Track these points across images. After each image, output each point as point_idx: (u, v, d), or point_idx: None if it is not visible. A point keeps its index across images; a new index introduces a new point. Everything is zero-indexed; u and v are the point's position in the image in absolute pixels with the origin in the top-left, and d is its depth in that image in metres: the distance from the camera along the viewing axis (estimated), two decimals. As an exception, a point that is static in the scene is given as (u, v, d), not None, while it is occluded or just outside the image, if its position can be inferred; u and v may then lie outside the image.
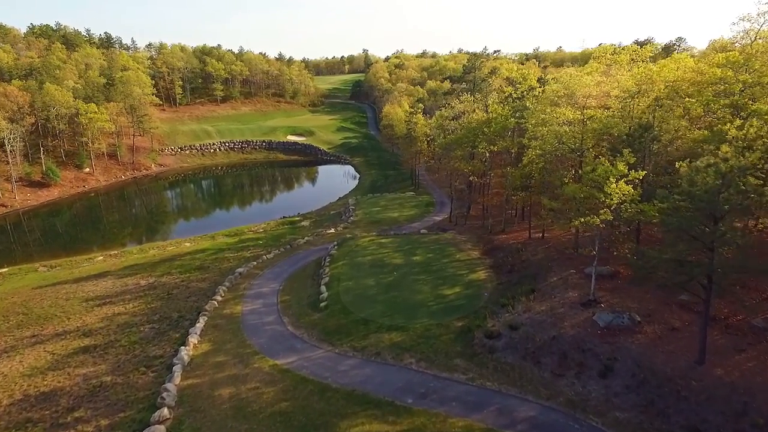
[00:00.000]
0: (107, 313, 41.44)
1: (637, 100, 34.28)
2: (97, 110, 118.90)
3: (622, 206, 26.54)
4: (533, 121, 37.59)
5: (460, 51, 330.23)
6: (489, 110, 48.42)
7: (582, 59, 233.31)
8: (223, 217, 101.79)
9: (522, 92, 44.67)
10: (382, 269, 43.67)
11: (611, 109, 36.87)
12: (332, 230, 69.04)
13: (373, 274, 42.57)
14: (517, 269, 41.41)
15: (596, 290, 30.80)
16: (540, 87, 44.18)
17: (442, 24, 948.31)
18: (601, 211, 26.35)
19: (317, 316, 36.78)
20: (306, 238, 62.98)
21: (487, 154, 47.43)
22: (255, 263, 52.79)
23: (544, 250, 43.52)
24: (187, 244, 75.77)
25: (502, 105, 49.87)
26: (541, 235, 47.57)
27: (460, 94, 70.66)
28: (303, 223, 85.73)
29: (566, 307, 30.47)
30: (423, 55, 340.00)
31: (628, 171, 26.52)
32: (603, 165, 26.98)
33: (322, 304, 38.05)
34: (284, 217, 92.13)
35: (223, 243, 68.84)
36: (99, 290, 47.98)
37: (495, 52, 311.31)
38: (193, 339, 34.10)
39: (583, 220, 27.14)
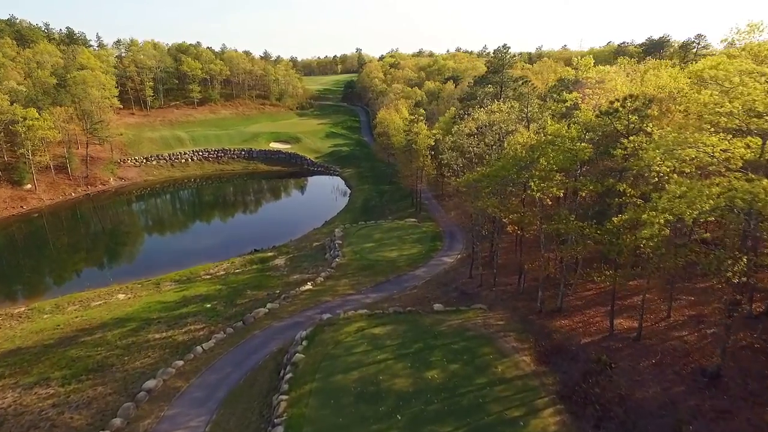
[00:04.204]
0: None
1: None
2: (38, 116, 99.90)
3: None
4: (665, 162, 19.69)
5: (458, 50, 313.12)
6: (545, 129, 30.28)
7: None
8: (183, 246, 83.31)
9: (616, 105, 26.55)
10: (375, 405, 25.56)
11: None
12: (308, 285, 50.75)
13: (359, 421, 24.47)
14: (613, 416, 23.41)
15: None
16: (644, 97, 26.33)
17: (437, 23, 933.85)
18: None
19: None
20: (268, 305, 44.61)
21: (548, 201, 29.35)
22: (182, 362, 34.38)
23: (654, 371, 25.58)
24: (121, 296, 58.01)
25: (560, 120, 32.00)
26: (634, 328, 29.57)
27: (485, 100, 52.58)
28: (276, 261, 67.86)
29: None
30: (419, 54, 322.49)
31: None
32: None
33: None
34: (255, 250, 74.26)
35: (159, 303, 50.53)
36: None
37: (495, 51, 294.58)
38: None
39: None
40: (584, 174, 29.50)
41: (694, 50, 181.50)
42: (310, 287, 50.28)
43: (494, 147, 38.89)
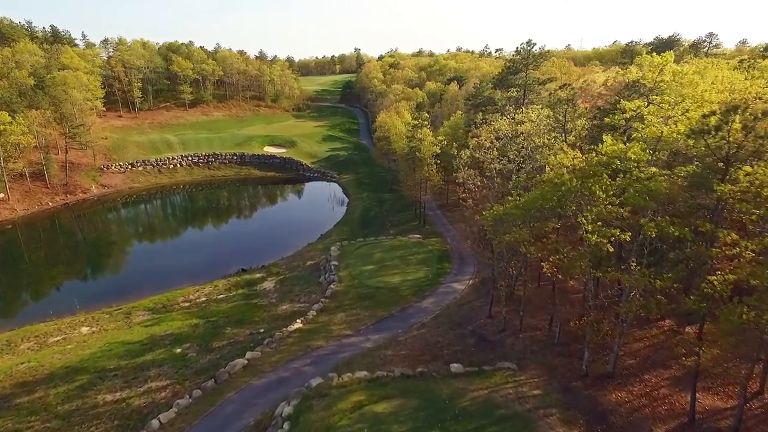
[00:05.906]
0: None
1: None
2: (11, 120, 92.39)
3: None
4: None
5: (459, 49, 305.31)
6: (601, 148, 22.68)
7: (596, 58, 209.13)
8: (165, 262, 75.67)
9: (712, 120, 19.21)
10: None
11: None
12: (298, 323, 43.28)
13: None
14: None
15: None
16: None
17: (437, 23, 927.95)
18: None
19: None
20: (248, 354, 37.06)
21: (609, 248, 21.77)
22: (131, 445, 27.05)
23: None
24: (84, 330, 51.11)
25: (615, 135, 24.82)
26: (721, 410, 22.26)
27: (507, 106, 44.97)
28: (265, 285, 60.79)
29: None
30: (419, 53, 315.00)
31: None
32: None
33: None
34: (242, 270, 66.99)
35: (123, 344, 43.09)
36: None
37: (497, 51, 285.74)
38: None
39: None
40: (658, 212, 22.06)
41: (705, 49, 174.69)
42: (300, 326, 42.81)
43: (521, 163, 31.52)
